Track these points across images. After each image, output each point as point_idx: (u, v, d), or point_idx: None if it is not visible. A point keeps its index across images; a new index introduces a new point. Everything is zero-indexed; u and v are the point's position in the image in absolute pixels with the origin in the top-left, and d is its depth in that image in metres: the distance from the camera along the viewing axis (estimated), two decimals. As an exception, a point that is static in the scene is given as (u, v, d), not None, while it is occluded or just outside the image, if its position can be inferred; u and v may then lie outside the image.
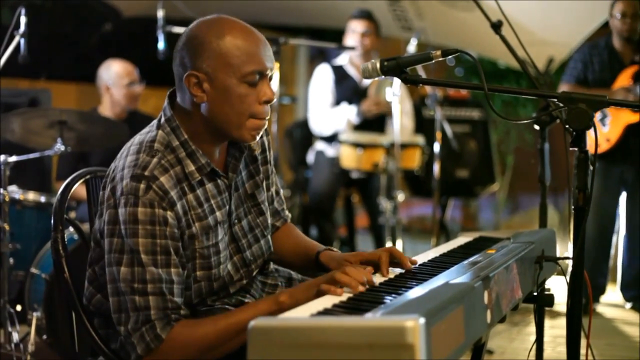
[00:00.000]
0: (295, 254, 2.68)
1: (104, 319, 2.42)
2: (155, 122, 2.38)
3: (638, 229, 6.08)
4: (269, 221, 2.60)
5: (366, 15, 6.58)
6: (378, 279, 2.23)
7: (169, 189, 2.22)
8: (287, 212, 2.78)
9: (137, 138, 2.36)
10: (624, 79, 5.90)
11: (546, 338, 3.75)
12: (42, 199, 4.46)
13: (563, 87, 5.93)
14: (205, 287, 2.35)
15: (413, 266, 2.40)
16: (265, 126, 2.39)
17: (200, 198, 2.32)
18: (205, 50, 2.25)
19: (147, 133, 2.35)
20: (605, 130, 5.84)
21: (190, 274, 2.31)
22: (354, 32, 6.55)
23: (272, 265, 2.69)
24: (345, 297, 1.99)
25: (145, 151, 2.27)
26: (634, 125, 5.85)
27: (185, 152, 2.30)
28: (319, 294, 2.12)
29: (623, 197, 6.12)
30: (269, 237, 2.59)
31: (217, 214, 2.36)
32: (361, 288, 2.12)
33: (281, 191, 2.76)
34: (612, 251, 6.28)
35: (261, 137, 2.57)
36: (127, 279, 2.18)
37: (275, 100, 2.39)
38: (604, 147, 5.87)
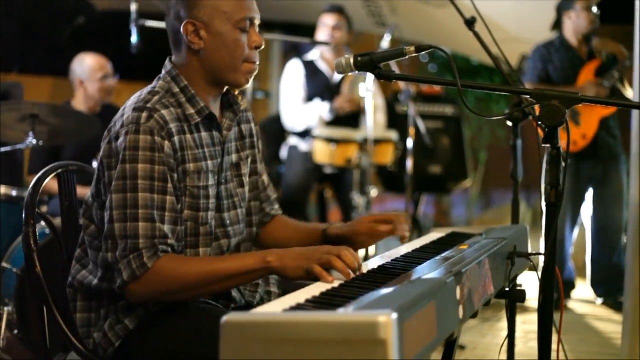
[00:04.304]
0: (298, 239, 2.73)
1: (88, 301, 2.46)
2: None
3: (605, 225, 6.11)
4: (247, 195, 2.67)
5: (338, 10, 6.58)
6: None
7: (169, 121, 2.35)
8: (278, 206, 2.87)
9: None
10: (587, 74, 5.93)
11: (518, 333, 3.77)
12: (14, 193, 4.42)
13: (527, 87, 5.88)
14: (191, 228, 2.43)
15: (387, 261, 2.41)
16: (256, 71, 2.51)
17: (196, 141, 2.44)
18: (200, 1, 2.39)
19: (147, 87, 2.48)
20: (580, 126, 5.86)
21: (181, 210, 2.40)
22: (325, 26, 6.53)
23: None
24: (318, 292, 1.99)
25: (146, 93, 2.42)
26: (603, 119, 5.89)
27: (185, 97, 2.45)
28: (309, 273, 2.21)
29: (588, 194, 6.15)
30: (244, 210, 2.66)
31: (209, 162, 2.47)
32: (352, 275, 2.20)
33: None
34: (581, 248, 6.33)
35: (249, 123, 2.71)
36: (120, 205, 2.28)
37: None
38: (580, 144, 5.88)
